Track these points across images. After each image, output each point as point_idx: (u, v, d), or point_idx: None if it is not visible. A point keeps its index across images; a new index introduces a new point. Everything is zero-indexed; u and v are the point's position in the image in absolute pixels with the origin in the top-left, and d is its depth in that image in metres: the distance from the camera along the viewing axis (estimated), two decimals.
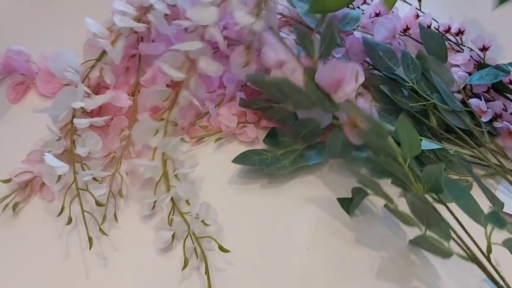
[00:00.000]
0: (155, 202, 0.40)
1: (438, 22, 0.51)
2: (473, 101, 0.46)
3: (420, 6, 0.53)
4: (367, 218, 0.41)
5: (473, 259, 0.35)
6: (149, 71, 0.46)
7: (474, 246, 0.35)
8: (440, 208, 0.35)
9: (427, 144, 0.42)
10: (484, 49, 0.49)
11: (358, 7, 0.53)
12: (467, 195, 0.36)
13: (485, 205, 0.38)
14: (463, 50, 0.50)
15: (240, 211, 0.42)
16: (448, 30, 0.50)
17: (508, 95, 0.47)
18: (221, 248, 0.38)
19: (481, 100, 0.45)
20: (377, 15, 0.51)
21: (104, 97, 0.43)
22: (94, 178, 0.41)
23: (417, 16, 0.51)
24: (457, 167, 0.43)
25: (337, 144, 0.41)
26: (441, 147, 0.42)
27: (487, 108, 0.45)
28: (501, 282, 0.34)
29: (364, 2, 0.53)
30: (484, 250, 0.35)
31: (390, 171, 0.36)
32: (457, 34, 0.50)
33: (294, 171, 0.43)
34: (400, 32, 0.50)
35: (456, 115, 0.45)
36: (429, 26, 0.50)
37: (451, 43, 0.50)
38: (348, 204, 0.41)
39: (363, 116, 0.35)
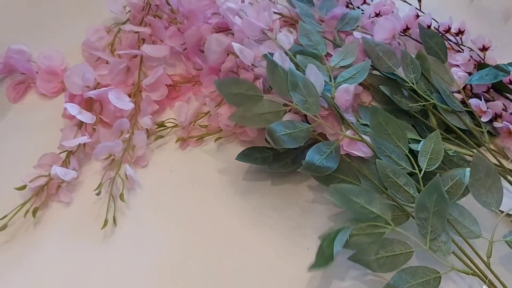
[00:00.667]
0: None
1: (438, 22, 0.51)
2: (473, 101, 0.46)
3: (420, 6, 0.53)
4: None
5: (474, 272, 0.36)
6: (152, 75, 0.47)
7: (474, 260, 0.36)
8: None
9: None
10: (484, 49, 0.49)
11: (358, 7, 0.53)
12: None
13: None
14: (463, 50, 0.50)
15: (242, 213, 0.42)
16: (448, 30, 0.50)
17: (508, 95, 0.47)
18: None
19: (481, 100, 0.45)
20: (377, 15, 0.51)
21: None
22: None
23: (417, 16, 0.51)
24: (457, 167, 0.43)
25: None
26: None
27: (487, 108, 0.45)
28: None
29: (364, 2, 0.53)
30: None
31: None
32: (457, 34, 0.50)
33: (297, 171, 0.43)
34: (400, 32, 0.50)
35: (456, 115, 0.45)
36: (429, 26, 0.50)
37: (451, 43, 0.50)
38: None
39: None
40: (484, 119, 0.45)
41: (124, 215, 0.41)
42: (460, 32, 0.50)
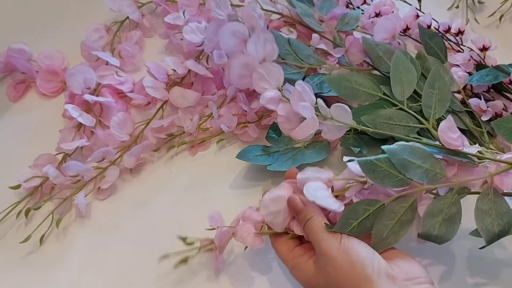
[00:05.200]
0: None
1: (438, 22, 0.51)
2: (472, 101, 0.46)
3: (420, 6, 0.53)
4: None
5: None
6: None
7: None
8: None
9: None
10: (484, 49, 0.49)
11: (358, 7, 0.53)
12: None
13: None
14: (463, 50, 0.50)
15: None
16: (448, 30, 0.50)
17: (508, 95, 0.47)
18: None
19: (481, 99, 0.45)
20: (377, 15, 0.51)
21: None
22: None
23: (417, 16, 0.51)
24: None
25: None
26: None
27: (487, 107, 0.45)
28: None
29: (364, 2, 0.53)
30: None
31: None
32: (457, 34, 0.50)
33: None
34: (400, 32, 0.50)
35: (456, 115, 0.45)
36: (429, 26, 0.50)
37: (451, 43, 0.50)
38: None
39: None
40: (484, 118, 0.45)
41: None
42: (460, 32, 0.50)
